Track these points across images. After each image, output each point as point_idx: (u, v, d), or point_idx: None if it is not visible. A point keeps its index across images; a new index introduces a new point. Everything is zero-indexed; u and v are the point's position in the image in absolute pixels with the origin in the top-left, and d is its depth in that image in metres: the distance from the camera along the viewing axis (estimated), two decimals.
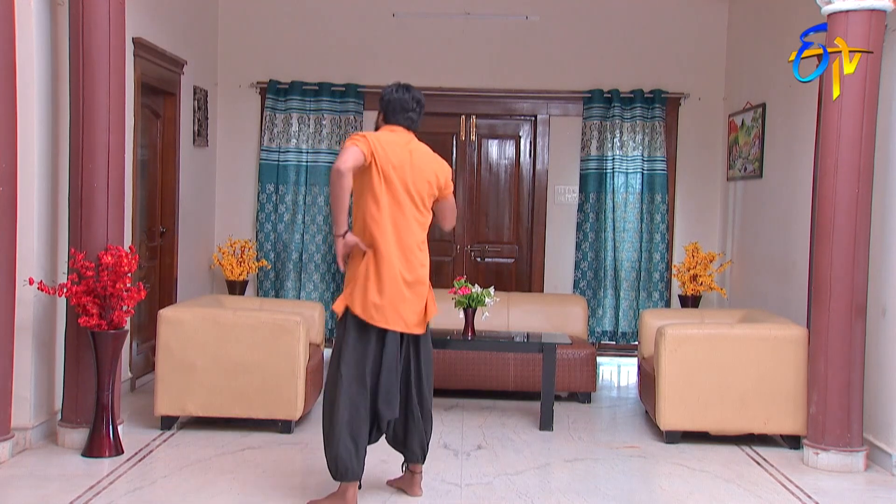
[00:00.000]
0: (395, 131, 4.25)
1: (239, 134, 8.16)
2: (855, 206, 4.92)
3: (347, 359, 4.08)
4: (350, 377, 4.07)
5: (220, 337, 5.27)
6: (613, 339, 8.15)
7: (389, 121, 4.30)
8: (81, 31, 4.82)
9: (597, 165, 8.02)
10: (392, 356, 4.15)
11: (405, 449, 4.33)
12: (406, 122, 4.30)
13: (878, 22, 4.86)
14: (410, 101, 4.30)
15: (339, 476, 4.08)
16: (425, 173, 4.23)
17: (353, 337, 4.09)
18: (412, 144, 4.26)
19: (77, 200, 4.88)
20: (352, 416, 4.07)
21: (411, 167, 4.17)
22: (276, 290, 8.03)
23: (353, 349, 4.08)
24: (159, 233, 7.00)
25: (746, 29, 7.66)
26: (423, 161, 4.25)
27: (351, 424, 4.06)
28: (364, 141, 4.07)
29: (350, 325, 4.10)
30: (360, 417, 4.09)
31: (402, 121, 4.29)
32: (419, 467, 4.38)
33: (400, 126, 4.28)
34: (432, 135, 8.30)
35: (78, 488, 4.30)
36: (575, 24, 8.11)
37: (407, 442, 4.31)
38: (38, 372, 4.94)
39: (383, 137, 4.16)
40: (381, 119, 4.35)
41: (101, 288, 4.72)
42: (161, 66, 6.66)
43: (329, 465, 4.11)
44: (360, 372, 4.08)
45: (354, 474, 4.08)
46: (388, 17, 8.07)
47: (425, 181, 4.23)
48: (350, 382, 4.07)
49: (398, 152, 4.14)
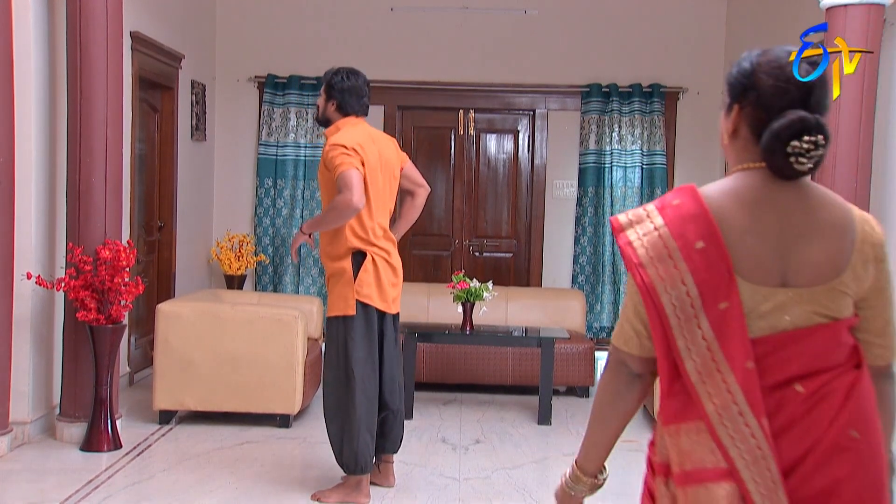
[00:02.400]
0: (357, 124, 4.14)
1: (237, 128, 8.15)
2: (853, 201, 4.88)
3: (357, 357, 4.06)
4: (362, 374, 4.07)
5: (219, 331, 5.27)
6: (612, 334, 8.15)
7: (347, 111, 4.15)
8: (79, 24, 4.81)
9: (595, 160, 8.02)
10: (392, 343, 4.21)
11: (386, 440, 4.31)
12: (363, 110, 4.19)
13: (877, 16, 4.85)
14: (364, 87, 4.19)
15: (359, 469, 4.09)
16: (392, 163, 4.21)
17: (359, 333, 4.07)
18: (373, 134, 4.18)
19: (75, 195, 4.87)
20: (368, 410, 4.10)
21: (381, 161, 4.12)
22: (275, 284, 8.03)
23: (359, 347, 4.07)
24: (157, 227, 6.99)
25: (745, 23, 7.66)
26: (388, 150, 4.21)
27: (367, 419, 4.10)
28: (356, 157, 3.97)
29: (355, 321, 4.07)
30: (373, 411, 4.14)
31: (359, 109, 4.17)
32: (393, 457, 4.41)
33: (359, 116, 4.17)
34: (430, 129, 8.34)
35: (76, 482, 4.30)
36: (573, 18, 8.10)
37: (388, 432, 4.30)
38: (36, 366, 4.94)
39: (357, 137, 4.05)
40: (335, 108, 4.15)
41: (100, 282, 4.72)
42: (159, 61, 6.64)
43: (347, 460, 4.09)
44: (371, 367, 4.11)
45: (371, 466, 4.15)
46: (387, 11, 8.06)
47: (393, 171, 4.22)
48: (363, 378, 4.07)
49: (371, 149, 4.08)
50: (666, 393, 1.71)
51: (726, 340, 1.62)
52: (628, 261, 1.70)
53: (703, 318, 1.63)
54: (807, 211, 1.69)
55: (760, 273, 1.65)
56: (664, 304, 1.65)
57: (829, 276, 1.66)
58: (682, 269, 1.64)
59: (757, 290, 1.64)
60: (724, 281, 1.63)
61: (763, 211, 1.68)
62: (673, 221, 1.67)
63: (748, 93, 1.73)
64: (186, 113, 7.30)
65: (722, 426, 1.62)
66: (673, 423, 1.68)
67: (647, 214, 1.72)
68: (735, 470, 1.60)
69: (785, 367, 1.65)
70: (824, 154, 1.67)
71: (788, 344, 1.64)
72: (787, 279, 1.66)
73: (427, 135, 8.34)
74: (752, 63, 1.75)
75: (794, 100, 1.71)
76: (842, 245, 1.68)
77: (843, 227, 1.70)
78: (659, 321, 1.67)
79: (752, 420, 1.60)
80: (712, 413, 1.62)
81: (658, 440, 1.75)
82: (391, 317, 4.24)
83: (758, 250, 1.65)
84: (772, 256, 1.66)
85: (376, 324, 4.14)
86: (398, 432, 4.33)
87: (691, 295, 1.64)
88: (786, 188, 1.69)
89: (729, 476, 1.60)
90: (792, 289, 1.65)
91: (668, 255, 1.65)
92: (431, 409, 6.00)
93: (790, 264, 1.66)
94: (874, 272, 1.71)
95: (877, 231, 1.74)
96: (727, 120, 1.78)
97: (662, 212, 1.70)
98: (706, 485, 1.61)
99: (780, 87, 1.70)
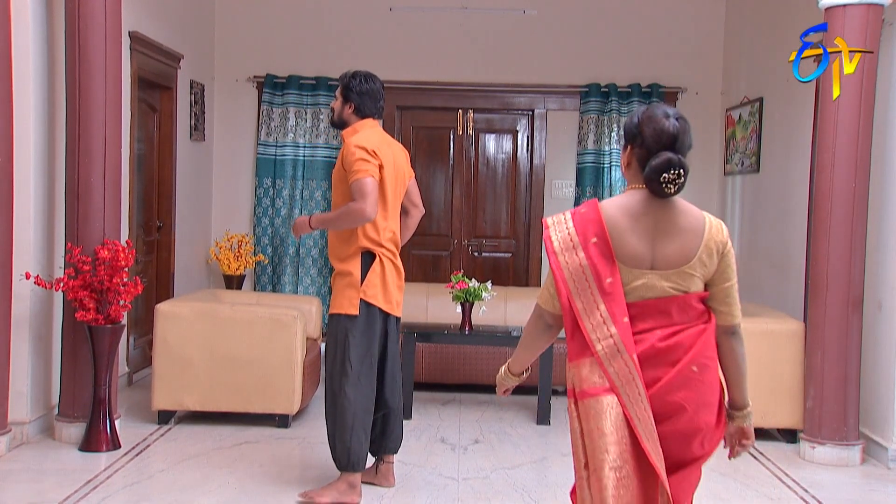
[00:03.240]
0: (374, 126, 4.18)
1: (236, 128, 8.15)
2: (852, 200, 4.92)
3: (354, 354, 4.08)
4: (358, 372, 4.09)
5: (218, 332, 5.27)
6: None
7: (365, 114, 4.19)
8: (77, 24, 4.81)
9: (594, 160, 8.01)
10: (395, 343, 4.25)
11: (388, 440, 4.33)
12: (379, 114, 4.23)
13: (876, 16, 4.85)
14: (380, 91, 4.22)
15: (351, 467, 4.10)
16: (403, 172, 4.24)
17: (359, 331, 4.09)
18: (388, 139, 4.22)
19: (73, 195, 4.87)
20: (364, 408, 4.11)
21: (394, 166, 4.15)
22: (274, 284, 8.02)
23: (359, 344, 4.09)
24: (156, 227, 6.99)
25: (744, 23, 7.66)
26: (401, 159, 4.24)
27: (363, 416, 4.11)
28: (375, 162, 3.99)
29: (357, 320, 4.08)
30: (369, 410, 4.15)
31: (376, 113, 4.20)
32: (393, 457, 4.42)
33: (375, 119, 4.21)
34: (430, 129, 8.34)
35: (75, 483, 4.30)
36: (572, 18, 8.10)
37: (389, 432, 4.31)
38: (34, 366, 4.94)
39: (374, 140, 4.08)
40: (353, 111, 4.18)
41: (98, 282, 4.72)
42: (157, 60, 6.64)
43: (339, 456, 4.11)
44: (369, 364, 4.13)
45: (364, 465, 4.15)
46: (385, 11, 8.06)
47: (403, 179, 4.25)
48: (359, 376, 4.09)
49: (386, 153, 4.10)
50: (570, 338, 2.51)
51: (610, 303, 2.45)
52: (548, 250, 2.52)
53: (594, 288, 2.46)
54: (671, 219, 2.49)
55: (635, 260, 2.47)
56: (567, 279, 2.49)
57: (681, 263, 2.48)
58: (581, 257, 2.48)
59: (631, 271, 2.47)
60: (609, 265, 2.46)
61: (641, 218, 2.48)
62: (578, 224, 2.50)
63: (636, 138, 2.52)
64: (185, 113, 7.30)
65: (607, 360, 2.43)
66: (575, 360, 2.50)
67: (563, 219, 2.55)
68: (615, 387, 2.42)
69: (649, 321, 2.47)
70: (685, 182, 2.45)
71: (652, 307, 2.47)
72: (654, 264, 2.47)
73: (426, 135, 8.34)
74: (639, 118, 2.54)
75: (665, 144, 2.47)
76: (693, 242, 2.48)
77: (695, 230, 2.49)
78: (565, 290, 2.49)
79: (627, 356, 2.42)
80: (601, 352, 2.44)
81: (567, 373, 2.55)
82: (395, 318, 4.26)
83: (634, 245, 2.47)
84: (644, 249, 2.47)
85: (379, 324, 4.15)
86: (398, 432, 4.34)
87: (587, 273, 2.47)
88: (658, 203, 2.50)
89: (611, 391, 2.42)
90: (656, 271, 2.47)
91: (572, 246, 2.49)
92: (430, 409, 6.00)
93: (656, 254, 2.48)
94: (718, 262, 2.51)
95: (722, 233, 2.52)
96: (624, 155, 2.58)
97: (573, 217, 2.53)
98: (596, 397, 2.43)
99: (656, 137, 2.48)
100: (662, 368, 2.43)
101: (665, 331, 2.46)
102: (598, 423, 2.40)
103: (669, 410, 2.42)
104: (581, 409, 2.46)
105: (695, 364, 2.43)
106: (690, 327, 2.47)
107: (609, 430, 2.39)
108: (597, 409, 2.41)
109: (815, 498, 4.49)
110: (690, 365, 2.43)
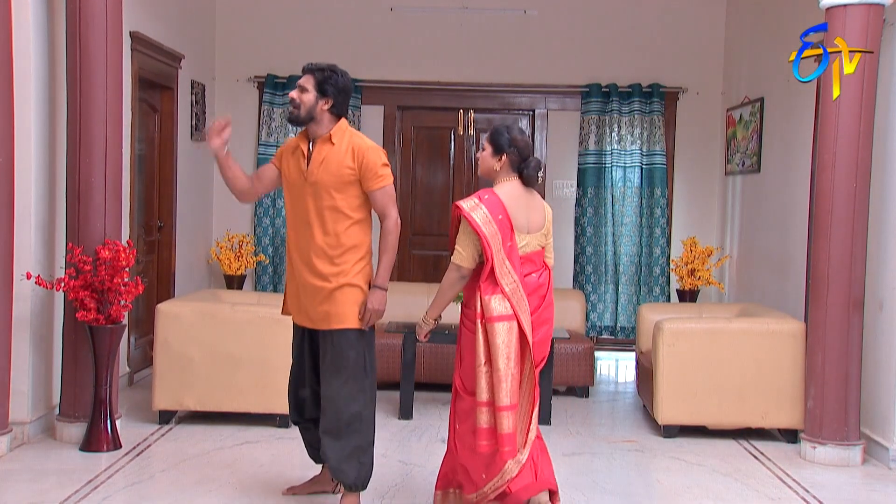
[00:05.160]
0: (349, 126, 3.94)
1: (236, 128, 8.04)
2: (853, 200, 4.92)
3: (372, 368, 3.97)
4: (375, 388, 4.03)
5: (218, 332, 5.27)
6: (613, 334, 8.15)
7: (342, 112, 3.89)
8: (78, 24, 4.81)
9: (595, 160, 8.02)
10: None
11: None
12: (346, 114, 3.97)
13: (877, 16, 4.85)
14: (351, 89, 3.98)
15: (365, 486, 3.98)
16: None
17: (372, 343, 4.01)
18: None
19: (74, 195, 4.87)
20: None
21: None
22: (274, 284, 8.02)
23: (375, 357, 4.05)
24: (157, 227, 6.99)
25: (744, 23, 7.66)
26: None
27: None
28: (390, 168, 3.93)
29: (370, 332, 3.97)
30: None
31: (345, 112, 3.95)
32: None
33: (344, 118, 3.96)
34: (430, 129, 8.34)
35: (76, 483, 4.30)
36: (573, 18, 8.10)
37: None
38: (35, 366, 4.94)
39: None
40: (329, 107, 3.83)
41: (99, 282, 4.72)
42: (158, 61, 6.64)
43: (363, 474, 3.94)
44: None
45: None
46: (386, 11, 8.06)
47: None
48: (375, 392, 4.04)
49: None
50: (485, 280, 3.68)
51: (512, 258, 3.71)
52: (473, 225, 3.67)
53: (503, 250, 3.69)
54: (533, 199, 3.87)
55: (521, 228, 3.77)
56: (490, 243, 3.66)
57: (540, 228, 3.86)
58: (494, 228, 3.68)
59: (521, 236, 3.78)
60: (510, 232, 3.72)
61: (520, 200, 3.81)
62: (488, 205, 3.71)
63: (512, 148, 3.82)
64: (186, 113, 7.30)
65: (513, 295, 3.68)
66: (488, 294, 3.67)
67: (476, 204, 3.70)
68: (516, 314, 3.67)
69: (528, 266, 3.80)
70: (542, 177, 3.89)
71: (530, 258, 3.81)
72: (529, 230, 3.81)
73: (426, 135, 8.34)
74: (509, 135, 3.82)
75: (531, 151, 3.86)
76: (542, 216, 3.88)
77: (543, 208, 3.91)
78: (489, 250, 3.65)
79: (522, 293, 3.71)
80: (508, 289, 3.67)
81: (476, 303, 3.70)
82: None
83: (520, 218, 3.78)
84: (524, 220, 3.80)
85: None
86: None
87: (498, 238, 3.67)
88: (526, 190, 3.86)
89: (513, 317, 3.67)
90: (530, 234, 3.81)
91: (488, 221, 3.68)
92: (430, 409, 5.99)
93: (530, 223, 3.82)
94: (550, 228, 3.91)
95: (549, 211, 3.93)
96: (495, 159, 3.84)
97: (483, 201, 3.71)
98: (501, 322, 3.66)
99: (525, 146, 3.84)
100: (537, 298, 3.78)
101: (537, 274, 3.82)
102: (500, 339, 3.64)
103: (541, 324, 3.78)
104: (488, 328, 3.65)
105: (548, 294, 3.83)
106: (545, 270, 3.87)
107: (506, 342, 3.64)
108: (500, 329, 3.64)
109: (815, 498, 4.49)
110: (548, 295, 3.83)
